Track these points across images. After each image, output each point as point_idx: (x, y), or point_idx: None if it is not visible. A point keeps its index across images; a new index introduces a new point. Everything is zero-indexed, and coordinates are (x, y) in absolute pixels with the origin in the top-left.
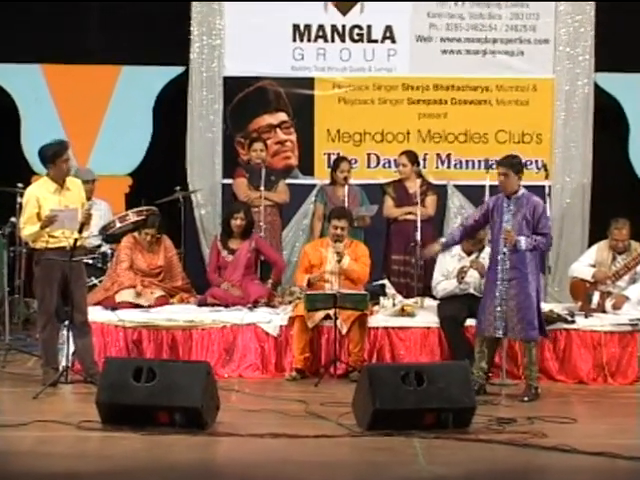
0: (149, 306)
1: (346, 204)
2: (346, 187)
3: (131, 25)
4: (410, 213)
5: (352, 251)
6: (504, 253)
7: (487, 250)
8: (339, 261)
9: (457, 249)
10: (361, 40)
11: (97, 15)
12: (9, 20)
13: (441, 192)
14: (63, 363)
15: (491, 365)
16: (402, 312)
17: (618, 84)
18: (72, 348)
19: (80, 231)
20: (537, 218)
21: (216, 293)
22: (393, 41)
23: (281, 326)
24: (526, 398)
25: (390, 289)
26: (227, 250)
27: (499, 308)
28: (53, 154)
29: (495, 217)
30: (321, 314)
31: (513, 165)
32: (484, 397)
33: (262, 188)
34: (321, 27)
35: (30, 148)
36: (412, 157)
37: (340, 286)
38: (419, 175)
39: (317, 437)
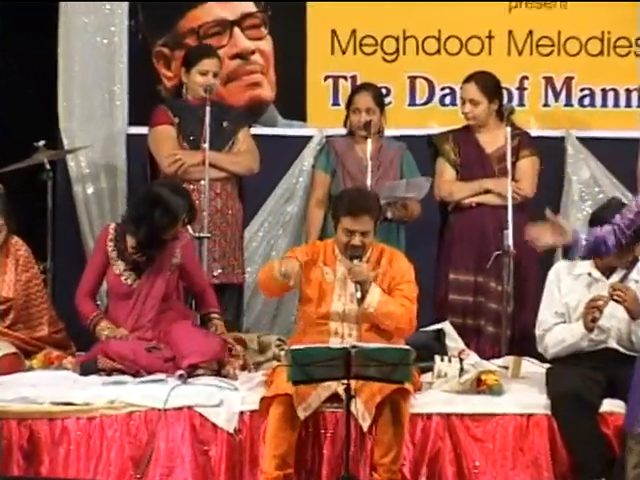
0: None
1: (369, 178)
2: (369, 141)
3: None
4: (489, 193)
5: (384, 273)
6: None
7: None
8: (361, 300)
9: (585, 265)
10: None
11: None
12: None
13: (555, 151)
14: None
15: None
16: (478, 386)
17: None
18: None
19: None
20: None
21: (115, 348)
22: None
23: (242, 413)
24: None
25: (455, 341)
26: (124, 262)
27: None
28: None
29: None
30: (322, 391)
31: None
32: None
33: (206, 144)
34: None
35: None
36: (487, 84)
37: (360, 338)
38: (505, 117)
39: None
